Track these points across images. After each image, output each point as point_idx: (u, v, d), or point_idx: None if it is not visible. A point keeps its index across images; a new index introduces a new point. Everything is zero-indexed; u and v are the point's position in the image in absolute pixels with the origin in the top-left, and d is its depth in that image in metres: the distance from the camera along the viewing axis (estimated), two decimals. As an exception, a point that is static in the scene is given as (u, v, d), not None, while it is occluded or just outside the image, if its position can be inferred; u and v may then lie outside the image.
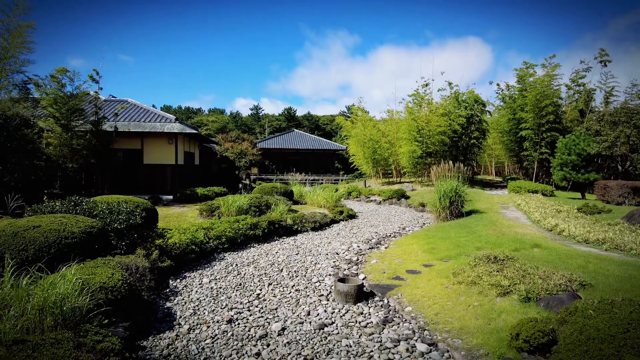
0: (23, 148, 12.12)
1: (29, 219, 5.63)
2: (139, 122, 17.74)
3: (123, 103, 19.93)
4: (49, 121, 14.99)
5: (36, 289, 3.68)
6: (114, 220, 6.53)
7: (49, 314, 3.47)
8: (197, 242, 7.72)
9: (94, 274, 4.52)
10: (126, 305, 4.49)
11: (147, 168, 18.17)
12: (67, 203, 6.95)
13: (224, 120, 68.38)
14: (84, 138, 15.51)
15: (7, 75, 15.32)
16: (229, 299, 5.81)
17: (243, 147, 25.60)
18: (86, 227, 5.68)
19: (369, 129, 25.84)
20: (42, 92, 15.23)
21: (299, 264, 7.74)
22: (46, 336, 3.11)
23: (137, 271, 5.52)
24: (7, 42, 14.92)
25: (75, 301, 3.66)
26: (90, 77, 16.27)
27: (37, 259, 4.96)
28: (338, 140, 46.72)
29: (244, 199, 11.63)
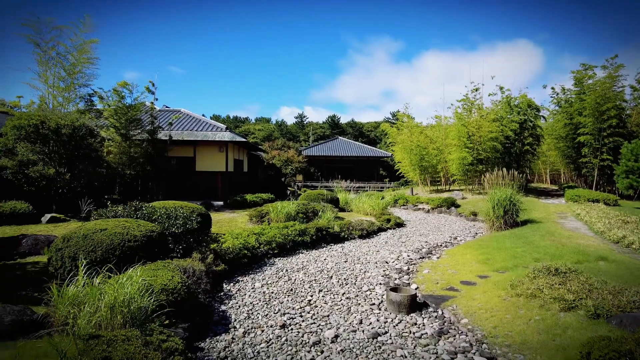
0: (88, 156, 12.97)
1: (96, 222, 5.99)
2: (192, 131, 18.50)
3: (176, 113, 20.87)
4: (109, 131, 15.98)
5: (107, 288, 3.90)
6: (172, 225, 6.81)
7: (119, 313, 3.66)
8: (249, 247, 7.89)
9: (155, 276, 4.72)
10: (185, 307, 4.65)
11: (199, 175, 18.88)
12: (128, 208, 7.35)
13: (269, 128, 69.86)
14: (141, 146, 16.38)
15: (75, 89, 16.52)
16: (281, 304, 5.87)
17: (289, 154, 25.99)
18: (147, 231, 5.96)
19: (416, 136, 25.40)
20: (105, 103, 16.29)
21: (348, 271, 7.70)
22: (117, 333, 3.28)
23: (194, 274, 5.72)
24: (75, 59, 16.11)
25: (141, 301, 3.84)
26: (147, 88, 17.19)
27: (104, 260, 5.26)
28: (383, 147, 46.30)
29: (292, 206, 11.77)
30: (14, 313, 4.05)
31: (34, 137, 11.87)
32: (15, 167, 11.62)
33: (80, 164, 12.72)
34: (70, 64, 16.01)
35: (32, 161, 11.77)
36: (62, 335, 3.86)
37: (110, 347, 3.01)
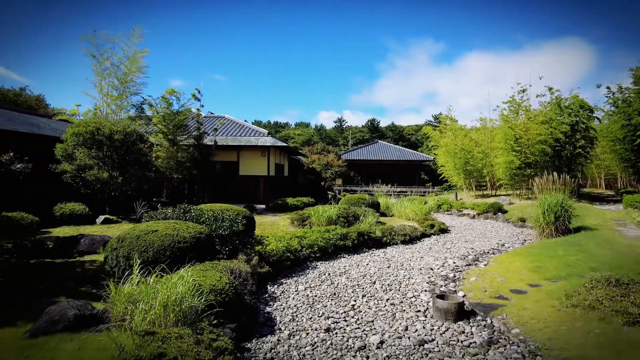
0: (138, 161, 13.59)
1: (148, 224, 6.25)
2: (235, 137, 18.98)
3: (221, 119, 21.50)
4: (158, 136, 16.69)
5: (160, 287, 4.05)
6: (219, 227, 7.00)
7: (171, 311, 3.80)
8: (292, 250, 7.96)
9: (204, 277, 4.86)
10: (232, 307, 4.75)
11: (242, 179, 19.32)
12: (178, 210, 7.63)
13: (309, 133, 70.48)
14: (188, 151, 16.99)
15: (127, 97, 17.41)
16: (325, 307, 5.87)
17: (329, 159, 26.07)
18: (195, 232, 6.15)
19: (460, 139, 24.74)
20: (154, 110, 17.05)
21: (391, 277, 7.59)
22: (171, 331, 3.40)
23: (240, 275, 5.84)
24: (127, 68, 16.98)
25: (191, 301, 3.96)
26: (193, 95, 17.83)
27: (155, 260, 5.48)
28: (425, 151, 45.48)
29: (333, 210, 11.78)
30: (76, 307, 4.30)
31: (90, 143, 12.60)
32: (74, 171, 12.38)
33: (131, 168, 13.35)
34: (122, 74, 16.91)
35: (88, 165, 12.48)
36: (119, 331, 4.05)
37: (165, 344, 3.12)
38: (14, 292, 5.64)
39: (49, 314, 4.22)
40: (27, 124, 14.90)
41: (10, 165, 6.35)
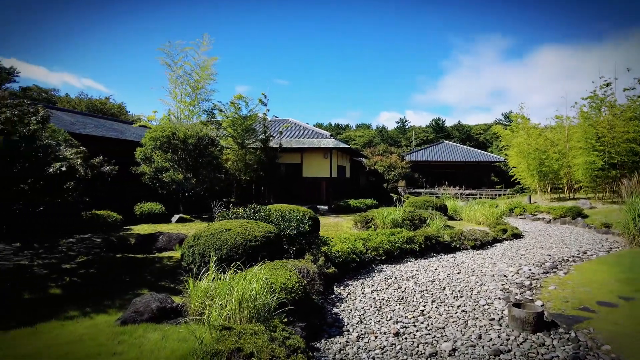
0: (210, 163, 14.30)
1: (221, 223, 6.54)
2: (299, 139, 19.34)
3: (285, 122, 22.01)
4: (228, 140, 17.44)
5: (234, 284, 4.21)
6: (287, 227, 7.15)
7: (246, 307, 3.93)
8: (357, 252, 7.93)
9: (275, 275, 4.98)
10: (301, 306, 4.81)
11: (305, 180, 19.63)
12: (248, 210, 7.91)
13: (370, 134, 70.00)
14: (255, 154, 17.59)
15: (199, 103, 18.40)
16: (393, 311, 5.76)
17: (391, 160, 25.68)
18: (265, 232, 6.34)
19: (534, 138, 23.19)
20: (224, 115, 17.85)
21: (462, 283, 7.28)
22: (246, 326, 3.52)
23: (308, 275, 5.91)
24: (198, 76, 17.94)
25: (265, 298, 4.07)
26: (260, 100, 18.41)
27: (229, 258, 5.71)
28: (494, 151, 43.31)
29: (398, 212, 11.56)
30: (158, 300, 4.60)
31: (167, 146, 13.48)
32: (152, 173, 13.32)
33: (204, 170, 14.09)
34: (194, 81, 17.91)
35: (164, 168, 13.36)
36: (197, 324, 4.27)
37: (241, 339, 3.23)
38: (105, 284, 6.17)
39: (135, 305, 4.55)
40: (112, 130, 16.29)
41: (100, 168, 6.97)
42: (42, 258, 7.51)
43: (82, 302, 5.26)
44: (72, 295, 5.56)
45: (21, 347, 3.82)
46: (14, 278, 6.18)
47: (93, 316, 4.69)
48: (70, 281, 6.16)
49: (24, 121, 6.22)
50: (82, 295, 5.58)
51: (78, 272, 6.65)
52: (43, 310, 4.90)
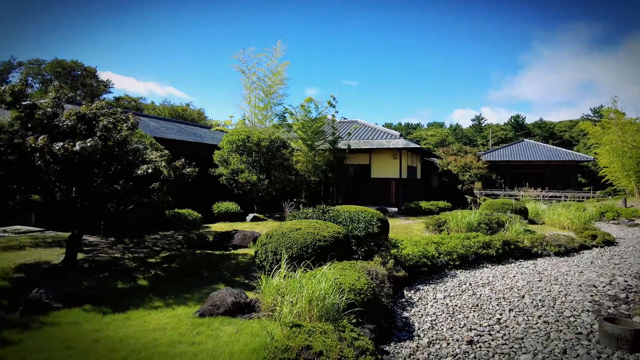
0: (281, 165, 14.76)
1: (292, 223, 6.71)
2: (367, 140, 19.25)
3: (354, 123, 22.03)
4: (298, 142, 17.85)
5: (304, 282, 4.30)
6: (355, 228, 7.15)
7: (315, 306, 3.99)
8: (429, 255, 7.69)
9: (343, 275, 4.99)
10: (370, 308, 4.78)
11: (374, 181, 19.47)
12: (317, 211, 8.03)
13: (442, 133, 67.63)
14: (324, 155, 17.81)
15: (271, 107, 19.09)
16: (467, 318, 5.51)
17: (466, 160, 24.54)
18: (334, 232, 6.39)
19: (630, 135, 20.86)
20: (294, 118, 18.31)
21: (543, 292, 6.76)
22: (315, 325, 3.57)
23: (377, 277, 5.85)
24: (271, 81, 18.60)
25: (334, 298, 4.10)
26: (329, 102, 18.61)
27: (299, 257, 5.84)
28: (582, 150, 39.70)
29: (474, 215, 11.03)
30: (233, 295, 4.84)
31: (242, 149, 14.14)
32: (228, 174, 14.05)
33: (275, 172, 14.57)
34: (267, 86, 18.60)
35: (240, 169, 14.01)
36: (269, 320, 4.43)
37: (311, 337, 3.29)
38: (185, 278, 6.62)
39: (213, 299, 4.83)
40: (192, 134, 17.44)
41: (182, 170, 7.48)
42: (132, 252, 8.25)
43: (165, 293, 5.70)
44: (157, 287, 6.04)
45: (117, 330, 4.23)
46: (110, 269, 6.86)
47: (175, 307, 5.06)
48: (155, 274, 6.69)
49: (117, 127, 6.88)
50: (165, 287, 6.05)
51: (162, 266, 7.22)
52: (133, 299, 5.38)
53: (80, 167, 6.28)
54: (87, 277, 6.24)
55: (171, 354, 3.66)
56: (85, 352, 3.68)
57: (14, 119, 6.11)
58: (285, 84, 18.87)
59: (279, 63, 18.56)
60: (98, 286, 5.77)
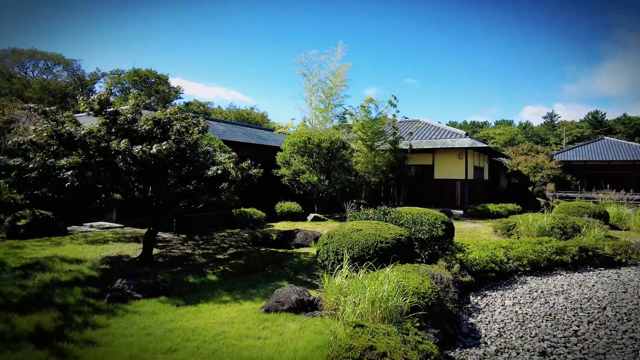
0: (341, 166, 14.84)
1: (353, 223, 6.72)
2: (430, 140, 18.74)
3: (416, 123, 21.55)
4: (357, 143, 17.83)
5: (367, 284, 4.30)
6: (418, 231, 7.01)
7: (378, 308, 3.98)
8: (497, 260, 7.34)
9: (406, 278, 4.92)
10: (434, 312, 4.66)
11: (437, 182, 18.92)
12: (378, 212, 7.98)
13: (511, 132, 64.05)
14: (384, 156, 17.63)
15: (331, 109, 19.25)
16: (538, 328, 5.18)
17: (538, 160, 23.01)
18: (396, 234, 6.31)
19: None
20: (354, 119, 18.32)
21: (629, 304, 6.17)
22: (378, 326, 3.56)
23: (442, 281, 5.69)
24: (332, 83, 18.76)
25: (397, 301, 4.06)
26: (389, 102, 18.38)
27: (360, 258, 5.84)
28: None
29: (546, 219, 10.34)
30: (297, 293, 4.96)
31: (303, 151, 14.42)
32: (290, 175, 14.39)
33: (335, 172, 14.68)
34: (328, 88, 18.80)
35: (301, 170, 14.29)
36: (331, 319, 4.48)
37: (374, 338, 3.28)
38: (252, 274, 6.89)
39: (277, 296, 4.98)
40: (256, 137, 18.07)
41: (248, 171, 7.79)
42: (202, 248, 8.72)
43: (232, 288, 5.97)
44: (225, 282, 6.35)
45: (189, 321, 4.51)
46: (182, 264, 7.32)
47: (242, 302, 5.29)
48: (224, 270, 7.03)
49: (189, 131, 7.33)
50: (232, 282, 6.33)
51: (229, 262, 7.56)
52: (203, 293, 5.70)
53: (155, 168, 6.77)
54: (162, 271, 6.72)
55: (239, 346, 3.83)
56: (162, 339, 3.97)
57: (101, 125, 6.72)
58: (347, 86, 18.95)
59: (340, 65, 18.68)
60: (172, 280, 6.18)
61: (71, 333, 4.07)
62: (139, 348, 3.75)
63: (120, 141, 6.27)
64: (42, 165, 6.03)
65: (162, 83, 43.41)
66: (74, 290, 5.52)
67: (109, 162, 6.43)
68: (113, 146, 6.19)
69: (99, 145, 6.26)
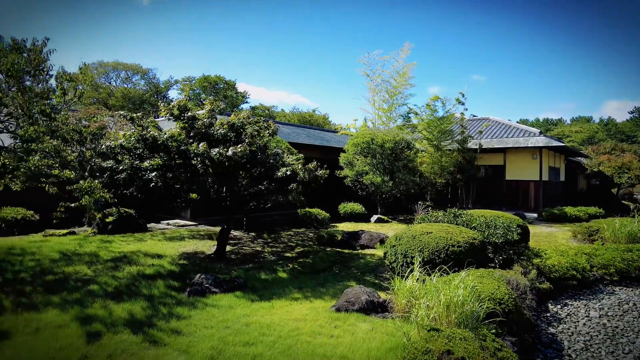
0: (406, 166, 14.59)
1: (422, 226, 6.60)
2: (501, 138, 17.84)
3: (485, 121, 20.62)
4: (422, 143, 17.41)
5: (441, 287, 4.21)
6: (492, 234, 6.72)
7: (453, 312, 3.88)
8: (578, 268, 6.83)
9: (481, 283, 4.74)
10: (511, 320, 4.45)
11: (509, 184, 17.96)
12: (448, 214, 7.75)
13: (590, 129, 59.06)
14: (451, 156, 17.04)
15: (395, 109, 19.02)
16: (632, 344, 4.75)
17: (624, 160, 20.96)
18: (469, 237, 6.10)
19: None
20: (419, 118, 17.90)
21: None
22: (454, 331, 3.48)
23: (518, 288, 5.42)
24: (396, 82, 18.53)
25: (473, 306, 3.93)
26: (457, 100, 17.73)
27: (430, 261, 5.73)
28: None
29: (636, 224, 9.41)
30: (367, 293, 4.97)
31: (366, 151, 14.38)
32: (353, 176, 14.42)
33: (400, 173, 14.46)
34: (392, 87, 18.58)
35: (364, 171, 14.26)
36: (403, 321, 4.44)
37: (451, 342, 3.21)
38: (319, 272, 7.02)
39: (347, 295, 5.03)
40: (319, 138, 18.32)
41: (315, 172, 7.93)
42: (270, 246, 9.02)
43: (302, 286, 6.12)
44: (295, 280, 6.52)
45: (264, 317, 4.70)
46: (253, 260, 7.62)
47: (312, 300, 5.40)
48: (293, 267, 7.22)
49: (260, 134, 7.63)
50: (302, 280, 6.49)
51: (297, 261, 7.75)
52: (275, 289, 5.90)
53: (229, 170, 7.13)
54: (235, 267, 7.05)
55: (313, 343, 3.93)
56: (240, 332, 4.18)
57: (181, 129, 7.20)
58: (411, 84, 18.61)
59: (405, 64, 18.40)
60: (245, 276, 6.46)
61: (159, 322, 4.41)
62: (219, 340, 3.97)
63: (198, 144, 6.68)
64: (130, 167, 6.60)
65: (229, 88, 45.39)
66: (157, 282, 5.97)
67: (188, 164, 6.87)
68: (192, 149, 6.61)
69: (179, 148, 6.72)
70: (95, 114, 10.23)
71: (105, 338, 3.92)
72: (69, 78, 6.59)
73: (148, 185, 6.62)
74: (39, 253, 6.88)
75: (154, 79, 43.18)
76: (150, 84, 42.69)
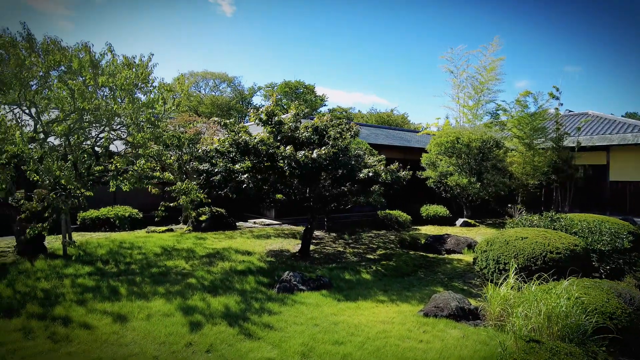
0: (495, 167, 13.79)
1: (516, 230, 6.21)
2: (604, 135, 16.07)
3: (583, 116, 18.75)
4: (512, 141, 16.29)
5: (540, 297, 3.93)
6: (596, 241, 6.11)
7: (555, 324, 3.61)
8: None
9: (587, 295, 4.34)
10: (626, 337, 4.01)
11: (613, 185, 16.12)
12: (544, 218, 7.19)
13: None
14: (545, 155, 15.74)
15: (482, 105, 18.05)
16: None
17: None
18: (569, 244, 5.61)
19: None
20: (508, 115, 16.79)
21: None
22: (558, 344, 3.24)
23: (632, 302, 4.85)
24: (483, 78, 17.59)
25: (578, 319, 3.62)
26: (550, 94, 16.34)
27: (525, 268, 5.37)
28: None
29: None
30: (456, 300, 4.81)
31: (450, 151, 13.84)
32: (436, 177, 13.97)
33: (487, 174, 13.70)
34: (478, 83, 17.67)
35: (448, 172, 13.75)
36: (496, 330, 4.23)
37: (555, 357, 3.00)
38: (404, 276, 6.93)
39: (436, 301, 4.91)
40: (398, 138, 18.04)
41: (397, 173, 7.83)
42: (352, 247, 9.09)
43: (387, 289, 6.09)
44: (379, 282, 6.51)
45: (351, 317, 4.77)
46: (336, 260, 7.75)
47: (398, 304, 5.35)
48: (376, 269, 7.22)
49: (343, 136, 7.73)
50: (386, 283, 6.46)
51: (380, 263, 7.72)
52: (360, 290, 5.95)
53: (313, 171, 7.33)
54: (319, 266, 7.22)
55: (402, 347, 3.90)
56: (329, 331, 4.28)
57: (269, 134, 7.57)
58: (500, 80, 17.53)
59: (494, 59, 17.39)
60: (329, 275, 6.60)
61: (252, 316, 4.68)
62: (309, 337, 4.11)
63: (285, 147, 6.97)
64: (225, 169, 7.08)
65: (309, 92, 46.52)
66: (248, 278, 6.33)
67: (275, 166, 7.20)
68: (280, 152, 6.92)
69: (268, 152, 7.06)
70: (191, 120, 11.16)
71: (206, 328, 4.25)
72: (168, 88, 7.28)
73: (241, 186, 7.06)
74: (144, 247, 7.66)
75: (239, 86, 45.73)
76: (236, 91, 45.29)
